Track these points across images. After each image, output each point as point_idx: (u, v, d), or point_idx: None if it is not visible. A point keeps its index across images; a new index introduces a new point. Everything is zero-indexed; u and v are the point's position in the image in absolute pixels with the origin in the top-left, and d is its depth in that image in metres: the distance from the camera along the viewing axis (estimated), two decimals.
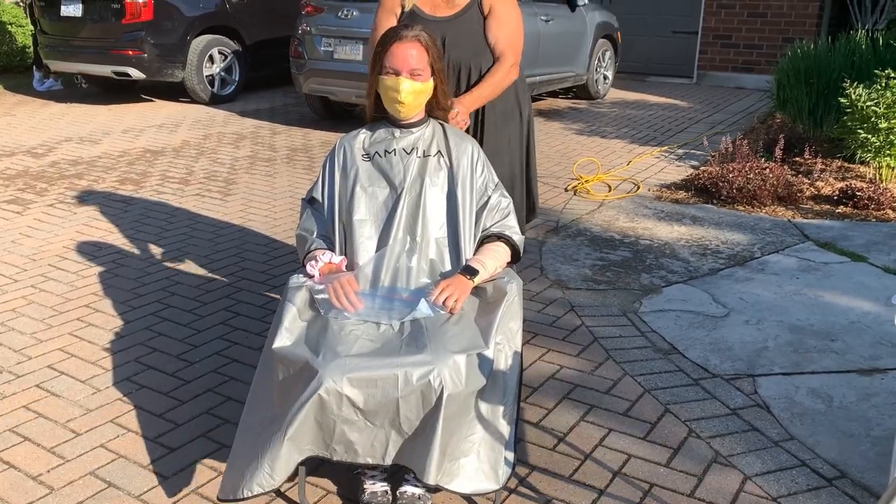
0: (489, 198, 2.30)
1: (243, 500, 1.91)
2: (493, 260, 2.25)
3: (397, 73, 2.16)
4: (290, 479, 2.10)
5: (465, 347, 1.97)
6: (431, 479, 1.87)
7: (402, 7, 2.69)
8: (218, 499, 1.98)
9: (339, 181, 2.28)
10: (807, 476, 2.30)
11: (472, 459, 1.99)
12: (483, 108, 2.76)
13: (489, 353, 2.02)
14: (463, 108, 2.58)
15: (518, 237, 2.33)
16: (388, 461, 1.92)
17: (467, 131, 2.66)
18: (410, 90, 2.17)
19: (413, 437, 1.91)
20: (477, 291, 2.22)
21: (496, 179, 2.36)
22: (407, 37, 2.16)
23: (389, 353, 1.95)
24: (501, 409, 2.07)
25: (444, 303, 2.10)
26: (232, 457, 2.02)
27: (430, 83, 2.23)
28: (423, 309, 2.09)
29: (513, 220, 2.34)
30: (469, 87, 2.69)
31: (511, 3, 2.71)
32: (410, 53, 2.15)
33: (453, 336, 1.99)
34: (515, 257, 2.35)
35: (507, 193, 2.37)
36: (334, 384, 1.85)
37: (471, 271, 2.18)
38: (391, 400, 1.86)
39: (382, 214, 2.21)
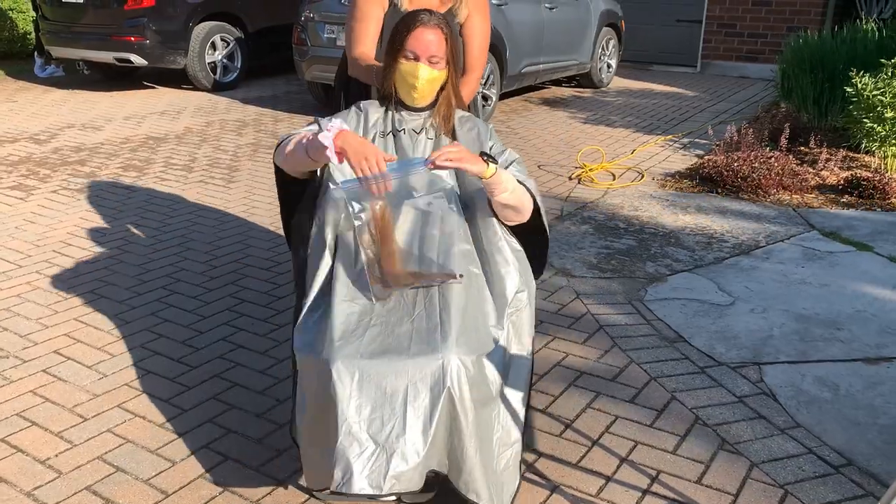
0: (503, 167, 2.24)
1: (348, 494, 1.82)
2: (514, 180, 2.08)
3: (417, 59, 2.14)
4: (299, 469, 2.11)
5: (475, 349, 1.91)
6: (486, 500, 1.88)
7: (393, 3, 2.59)
8: (316, 490, 1.99)
9: (357, 123, 2.24)
10: (813, 463, 2.31)
11: (516, 466, 2.03)
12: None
13: (503, 353, 2.00)
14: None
15: (538, 197, 2.18)
16: (386, 489, 1.78)
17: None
18: (427, 77, 2.15)
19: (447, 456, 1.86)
20: (489, 279, 2.17)
21: (508, 156, 2.28)
22: (430, 22, 2.14)
23: (398, 351, 1.88)
24: (523, 410, 2.07)
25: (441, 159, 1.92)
26: (312, 444, 1.96)
27: (445, 72, 2.22)
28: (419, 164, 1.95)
29: (529, 185, 2.22)
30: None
31: (486, 15, 2.70)
32: (431, 39, 2.13)
33: (466, 332, 1.94)
34: (538, 231, 2.25)
35: (522, 169, 2.32)
36: (343, 387, 1.81)
37: (491, 158, 1.99)
38: (400, 410, 1.81)
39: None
